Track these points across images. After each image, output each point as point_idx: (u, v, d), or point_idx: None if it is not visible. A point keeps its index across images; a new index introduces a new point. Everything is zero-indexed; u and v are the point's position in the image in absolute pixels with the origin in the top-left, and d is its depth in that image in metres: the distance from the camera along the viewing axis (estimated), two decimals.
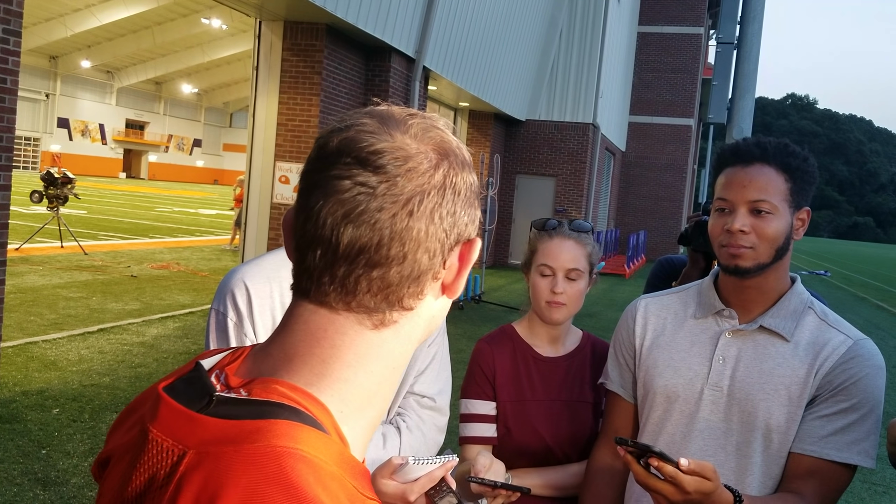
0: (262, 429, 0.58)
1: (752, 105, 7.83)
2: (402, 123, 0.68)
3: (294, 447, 0.57)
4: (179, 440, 0.61)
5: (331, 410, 0.64)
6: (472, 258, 0.70)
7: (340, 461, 0.61)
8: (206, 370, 0.68)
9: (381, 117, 0.69)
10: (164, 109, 62.95)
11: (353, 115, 0.70)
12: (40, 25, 41.36)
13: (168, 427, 0.62)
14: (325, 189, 0.65)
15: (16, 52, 5.00)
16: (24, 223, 16.22)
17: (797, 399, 1.51)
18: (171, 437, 0.61)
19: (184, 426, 0.61)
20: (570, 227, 1.91)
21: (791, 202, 1.52)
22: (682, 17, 26.15)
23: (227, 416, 0.60)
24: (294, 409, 0.61)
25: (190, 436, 0.60)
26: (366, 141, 0.66)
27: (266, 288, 1.57)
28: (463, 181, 0.69)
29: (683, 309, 1.69)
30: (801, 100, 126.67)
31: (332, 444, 0.61)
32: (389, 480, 1.24)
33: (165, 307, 9.09)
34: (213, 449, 0.58)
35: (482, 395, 1.92)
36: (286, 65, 9.54)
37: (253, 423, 0.59)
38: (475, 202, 0.70)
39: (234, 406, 0.61)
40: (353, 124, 0.68)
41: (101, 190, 36.65)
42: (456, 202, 0.68)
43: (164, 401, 0.64)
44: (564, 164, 18.38)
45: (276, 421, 0.59)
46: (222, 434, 0.59)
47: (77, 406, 5.30)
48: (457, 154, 0.70)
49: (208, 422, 0.60)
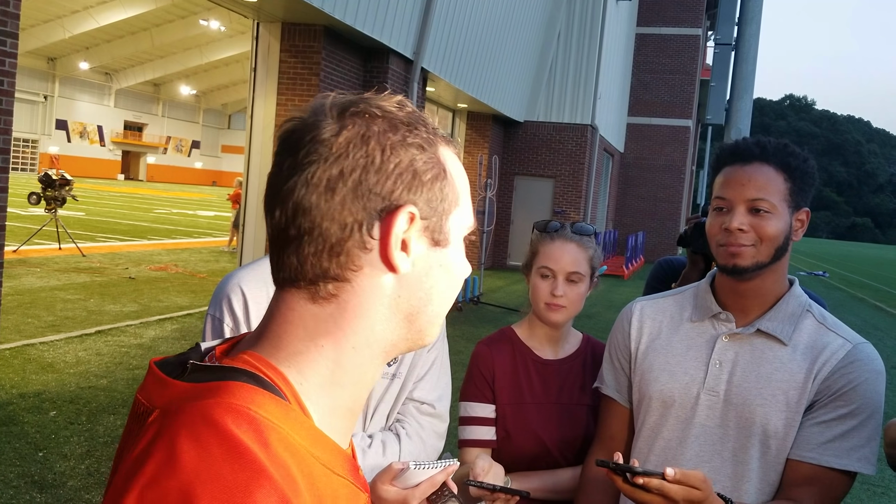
0: (219, 388, 0.63)
1: (750, 106, 7.84)
2: (333, 104, 0.70)
3: (243, 405, 0.61)
4: (152, 401, 0.66)
5: (290, 381, 0.67)
6: (395, 229, 0.67)
7: (298, 427, 0.63)
8: (200, 348, 0.73)
9: (315, 102, 0.71)
10: (163, 111, 62.92)
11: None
12: (38, 27, 41.33)
13: (147, 392, 0.68)
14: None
15: (13, 53, 4.99)
16: (21, 225, 16.19)
17: (795, 404, 1.49)
18: (146, 400, 0.67)
19: (158, 389, 0.66)
20: (573, 230, 1.89)
21: (790, 202, 1.50)
22: (681, 19, 26.17)
23: (195, 381, 0.65)
24: (253, 374, 0.65)
25: (161, 397, 0.65)
26: (283, 127, 0.71)
27: (262, 292, 1.55)
28: (384, 152, 0.68)
29: (680, 312, 1.67)
30: (799, 101, 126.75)
31: (288, 409, 0.64)
32: (390, 486, 1.23)
33: (163, 309, 9.07)
34: (174, 406, 0.63)
35: (481, 397, 1.91)
36: (284, 66, 9.53)
37: (213, 384, 0.63)
38: (408, 172, 0.68)
39: (203, 372, 0.66)
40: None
41: (99, 192, 36.61)
42: (369, 172, 0.67)
43: (150, 370, 0.70)
44: (563, 166, 18.37)
45: (233, 382, 0.63)
46: (185, 393, 0.64)
47: (74, 408, 5.28)
48: (385, 125, 0.69)
49: (177, 384, 0.65)
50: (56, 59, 49.91)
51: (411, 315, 0.72)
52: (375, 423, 1.64)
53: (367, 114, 0.69)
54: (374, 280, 0.69)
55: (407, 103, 0.73)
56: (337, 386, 0.70)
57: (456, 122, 17.54)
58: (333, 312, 0.69)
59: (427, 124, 0.72)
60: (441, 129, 0.74)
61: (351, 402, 0.71)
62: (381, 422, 1.65)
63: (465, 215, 0.75)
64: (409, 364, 1.67)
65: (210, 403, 0.61)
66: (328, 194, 0.66)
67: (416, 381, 1.67)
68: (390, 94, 0.73)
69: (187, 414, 0.61)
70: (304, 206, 0.67)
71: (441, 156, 0.72)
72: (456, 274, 0.74)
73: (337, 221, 0.66)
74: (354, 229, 0.67)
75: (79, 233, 15.68)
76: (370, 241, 0.68)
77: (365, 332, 0.70)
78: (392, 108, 0.71)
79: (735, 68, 7.99)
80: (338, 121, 0.68)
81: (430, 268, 0.71)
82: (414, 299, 0.71)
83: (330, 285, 0.68)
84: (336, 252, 0.67)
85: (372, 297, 0.69)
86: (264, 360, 0.67)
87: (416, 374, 1.67)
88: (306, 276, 0.68)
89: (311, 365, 0.69)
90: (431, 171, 0.70)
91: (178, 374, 0.67)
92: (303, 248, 0.68)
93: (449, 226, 0.72)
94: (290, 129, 0.70)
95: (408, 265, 0.69)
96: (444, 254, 0.72)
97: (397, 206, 0.68)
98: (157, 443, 0.60)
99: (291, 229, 0.68)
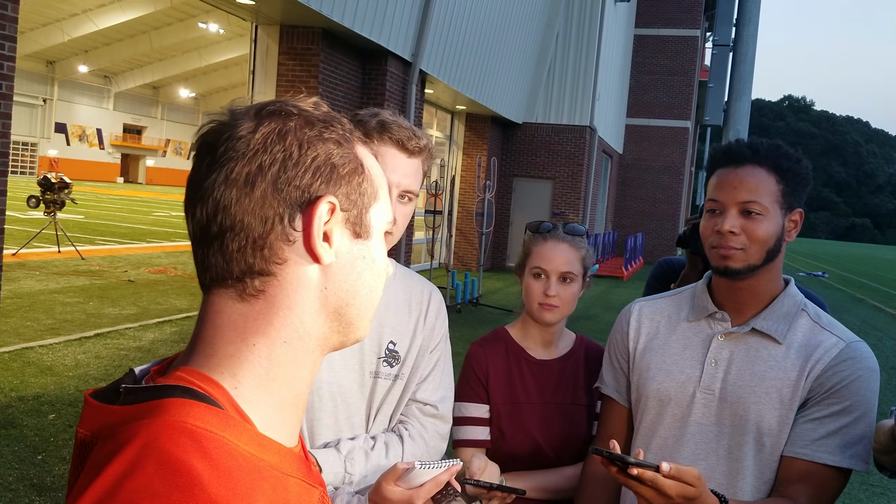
0: (154, 407, 0.63)
1: (749, 107, 7.85)
2: (250, 106, 0.72)
3: (179, 420, 0.61)
4: (91, 430, 0.66)
5: (224, 387, 0.67)
6: (317, 219, 0.68)
7: (239, 433, 0.63)
8: (135, 373, 0.72)
9: (232, 105, 0.73)
10: (162, 114, 62.92)
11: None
12: (37, 30, 41.35)
13: (86, 422, 0.68)
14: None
15: (11, 56, 5.00)
16: (21, 228, 16.19)
17: (789, 402, 1.50)
18: (86, 430, 0.67)
19: (96, 417, 0.66)
20: (565, 231, 1.91)
21: (783, 203, 1.51)
22: (679, 20, 26.20)
23: (131, 403, 0.65)
24: (187, 388, 0.65)
25: (99, 423, 0.65)
26: (201, 129, 0.72)
27: None
28: (301, 146, 0.69)
29: (677, 312, 1.69)
30: (798, 101, 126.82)
31: (226, 418, 0.64)
32: (395, 486, 1.24)
33: (162, 312, 9.07)
34: (110, 430, 0.63)
35: (475, 397, 1.92)
36: (283, 69, 9.54)
37: (148, 404, 0.63)
38: (326, 166, 0.70)
39: (137, 394, 0.66)
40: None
41: (98, 195, 36.61)
42: (287, 166, 0.68)
43: (86, 401, 0.69)
44: (562, 167, 18.39)
45: (168, 399, 0.63)
46: (121, 417, 0.64)
47: (73, 411, 5.28)
48: (301, 122, 0.70)
49: (113, 409, 0.65)
50: (55, 63, 49.92)
51: (339, 308, 0.72)
52: (378, 424, 1.65)
53: (283, 112, 0.71)
54: (300, 272, 0.70)
55: (322, 104, 0.74)
56: (274, 382, 0.70)
57: (454, 123, 17.56)
58: (262, 309, 0.69)
59: (343, 123, 0.74)
60: (357, 129, 0.76)
61: (292, 398, 0.72)
62: (383, 423, 1.66)
63: (384, 210, 0.76)
64: (411, 365, 1.67)
65: (144, 423, 0.61)
66: (247, 189, 0.67)
67: (419, 382, 1.68)
68: (306, 96, 0.74)
69: (122, 437, 0.61)
70: (224, 203, 0.67)
71: (358, 152, 0.73)
72: (379, 266, 0.76)
73: (258, 216, 0.67)
74: (276, 222, 0.68)
75: (78, 236, 15.69)
76: (293, 233, 0.69)
77: (295, 326, 0.70)
78: (308, 107, 0.72)
79: (733, 69, 8.00)
80: (254, 119, 0.70)
81: (353, 259, 0.72)
82: (341, 291, 0.72)
83: (256, 281, 0.69)
84: (259, 246, 0.68)
85: (299, 290, 0.70)
86: (196, 372, 0.67)
87: (418, 375, 1.68)
88: (232, 273, 0.69)
89: (245, 366, 0.69)
90: (349, 164, 0.71)
91: (113, 400, 0.67)
92: (226, 245, 0.68)
93: (370, 218, 0.74)
94: (208, 130, 0.71)
95: (331, 256, 0.70)
96: (366, 246, 0.74)
97: (317, 197, 0.69)
98: (95, 473, 0.59)
99: (213, 227, 0.68)
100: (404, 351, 1.67)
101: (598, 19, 18.48)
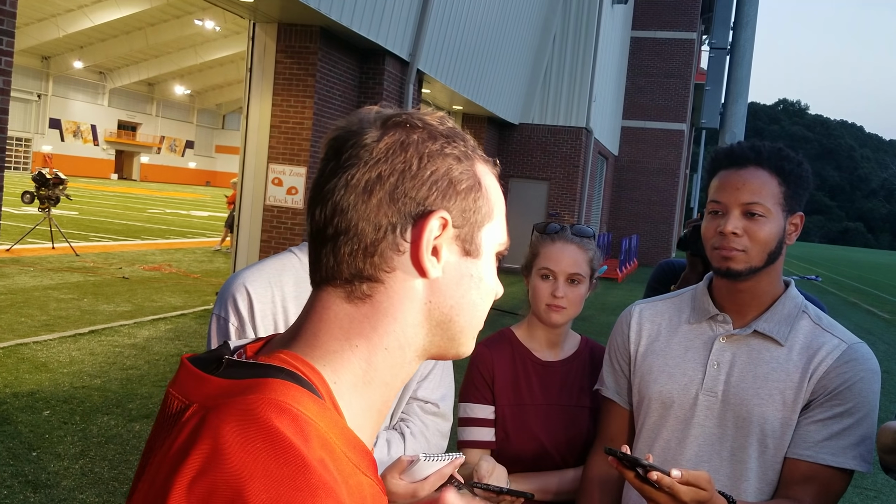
0: (258, 385, 0.64)
1: (745, 110, 7.86)
2: (378, 114, 0.73)
3: (282, 400, 0.62)
4: (187, 396, 0.67)
5: (326, 379, 0.69)
6: (427, 233, 0.69)
7: (332, 425, 0.64)
8: (230, 346, 0.74)
9: (361, 113, 0.74)
10: (157, 111, 62.77)
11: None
12: (32, 26, 41.21)
13: (181, 386, 0.69)
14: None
15: (9, 52, 4.98)
16: (15, 224, 16.13)
17: (792, 404, 1.51)
18: (181, 395, 0.68)
19: (194, 385, 0.68)
20: (573, 232, 1.90)
21: (784, 206, 1.51)
22: (676, 23, 26.24)
23: (232, 377, 0.66)
24: (290, 371, 0.66)
25: (197, 392, 0.67)
26: (330, 134, 0.74)
27: (268, 292, 1.56)
28: (422, 159, 0.70)
29: (678, 314, 1.69)
30: (793, 105, 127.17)
31: (324, 407, 0.65)
32: (399, 479, 1.24)
33: (157, 309, 9.05)
34: (213, 402, 0.64)
35: (481, 398, 1.91)
36: (280, 67, 9.52)
37: (251, 381, 0.64)
38: (444, 180, 0.70)
39: (239, 368, 0.67)
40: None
41: (92, 191, 36.49)
42: (406, 177, 0.69)
43: (183, 365, 0.71)
44: (557, 168, 18.41)
45: (271, 380, 0.64)
46: (223, 390, 0.65)
47: (68, 408, 5.27)
48: (425, 135, 0.71)
49: (214, 380, 0.66)
50: (50, 58, 49.76)
51: (443, 322, 0.73)
52: None
53: (409, 124, 0.72)
54: (406, 283, 0.71)
55: (448, 120, 0.75)
56: (368, 386, 0.71)
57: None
58: (367, 313, 0.71)
59: (466, 140, 0.75)
60: (479, 149, 0.76)
61: (380, 404, 0.73)
62: (385, 420, 1.66)
63: (498, 230, 0.76)
64: None
65: (253, 399, 0.62)
66: (365, 196, 0.69)
67: (420, 380, 1.68)
68: (433, 111, 0.75)
69: (230, 409, 0.62)
70: (341, 207, 0.69)
71: (477, 170, 0.74)
72: (487, 286, 0.76)
73: (372, 222, 0.69)
74: (388, 231, 0.69)
75: (72, 232, 15.64)
76: (403, 243, 0.70)
77: (397, 335, 0.72)
78: (433, 121, 0.73)
79: (730, 72, 8.01)
80: (380, 129, 0.71)
81: (461, 277, 0.73)
82: (444, 307, 0.73)
83: (364, 285, 0.70)
84: (370, 252, 0.70)
85: (404, 300, 0.71)
86: (300, 359, 0.69)
87: (419, 373, 1.68)
88: (342, 275, 0.70)
89: (345, 364, 0.70)
90: (467, 181, 0.72)
91: (213, 370, 0.68)
92: (339, 248, 0.70)
93: (481, 237, 0.74)
94: (336, 136, 0.73)
95: (438, 270, 0.71)
96: (475, 265, 0.74)
97: (430, 211, 0.70)
98: (200, 437, 0.60)
99: (329, 228, 0.70)
100: None
101: (595, 21, 18.50)
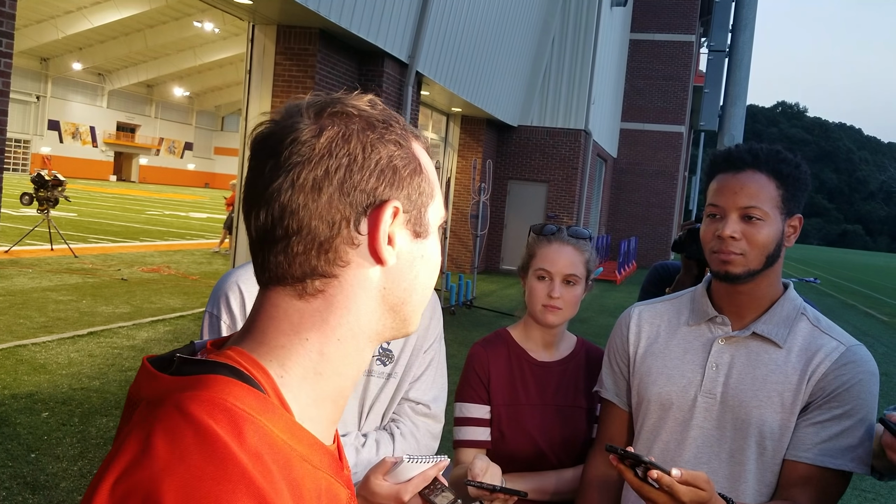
0: (198, 381, 0.65)
1: (744, 112, 7.87)
2: (308, 105, 0.72)
3: (218, 396, 0.63)
4: (140, 394, 0.68)
5: (271, 374, 0.69)
6: (382, 223, 0.70)
7: (275, 420, 0.65)
8: (194, 345, 0.75)
9: (288, 105, 0.73)
10: (156, 112, 62.75)
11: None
12: (31, 27, 41.20)
13: (138, 385, 0.70)
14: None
15: (8, 53, 4.98)
16: (13, 225, 16.13)
17: (790, 406, 1.51)
18: (134, 393, 0.69)
19: (146, 383, 0.69)
20: (569, 233, 1.92)
21: (782, 209, 1.52)
22: (674, 25, 26.28)
23: (181, 374, 0.67)
24: (233, 368, 0.67)
25: (147, 390, 0.68)
26: (257, 130, 0.72)
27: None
28: (364, 149, 0.70)
29: (677, 316, 1.69)
30: (792, 108, 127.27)
31: (267, 403, 0.66)
32: (383, 481, 1.24)
33: (156, 311, 9.05)
34: (157, 398, 0.65)
35: (476, 398, 1.92)
36: (279, 69, 9.53)
37: (193, 378, 0.65)
38: (389, 169, 0.70)
39: (189, 366, 0.68)
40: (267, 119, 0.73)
41: (91, 192, 36.47)
42: (353, 170, 0.69)
43: (142, 366, 0.71)
44: (556, 170, 18.42)
45: (212, 375, 0.65)
46: (169, 386, 0.66)
47: (67, 409, 5.27)
48: (363, 123, 0.71)
49: (163, 378, 0.67)
50: (49, 60, 49.75)
51: (396, 305, 0.74)
52: (370, 422, 1.65)
53: (344, 113, 0.71)
54: (361, 274, 0.71)
55: (378, 101, 0.75)
56: (320, 377, 0.71)
57: (450, 125, 17.56)
58: (320, 307, 0.71)
59: (399, 121, 0.74)
60: (410, 125, 0.77)
61: (335, 393, 0.73)
62: (375, 421, 1.66)
63: (438, 207, 0.77)
64: (405, 364, 1.68)
65: (187, 395, 0.63)
66: (314, 194, 0.68)
67: (412, 381, 1.69)
68: (361, 94, 0.75)
69: (166, 406, 0.63)
70: (291, 208, 0.68)
71: (415, 151, 0.74)
72: (435, 263, 0.78)
73: (325, 220, 0.68)
74: (342, 226, 0.69)
75: (71, 234, 15.63)
76: (357, 236, 0.70)
77: (350, 325, 0.72)
78: (366, 106, 0.73)
79: (728, 75, 8.02)
80: (316, 121, 0.70)
81: (413, 259, 0.74)
82: (399, 290, 0.74)
83: (317, 282, 0.70)
84: (325, 249, 0.69)
85: (359, 291, 0.72)
86: (245, 355, 0.69)
87: (412, 374, 1.69)
88: (294, 274, 0.70)
89: (294, 358, 0.70)
90: (409, 166, 0.73)
91: (166, 368, 0.69)
92: (291, 248, 0.69)
93: (428, 218, 0.75)
94: (267, 133, 0.71)
95: (394, 257, 0.72)
96: (424, 245, 0.75)
97: (382, 201, 0.70)
98: (133, 435, 0.62)
99: (278, 230, 0.69)
100: (398, 350, 1.68)
101: (594, 23, 18.51)
